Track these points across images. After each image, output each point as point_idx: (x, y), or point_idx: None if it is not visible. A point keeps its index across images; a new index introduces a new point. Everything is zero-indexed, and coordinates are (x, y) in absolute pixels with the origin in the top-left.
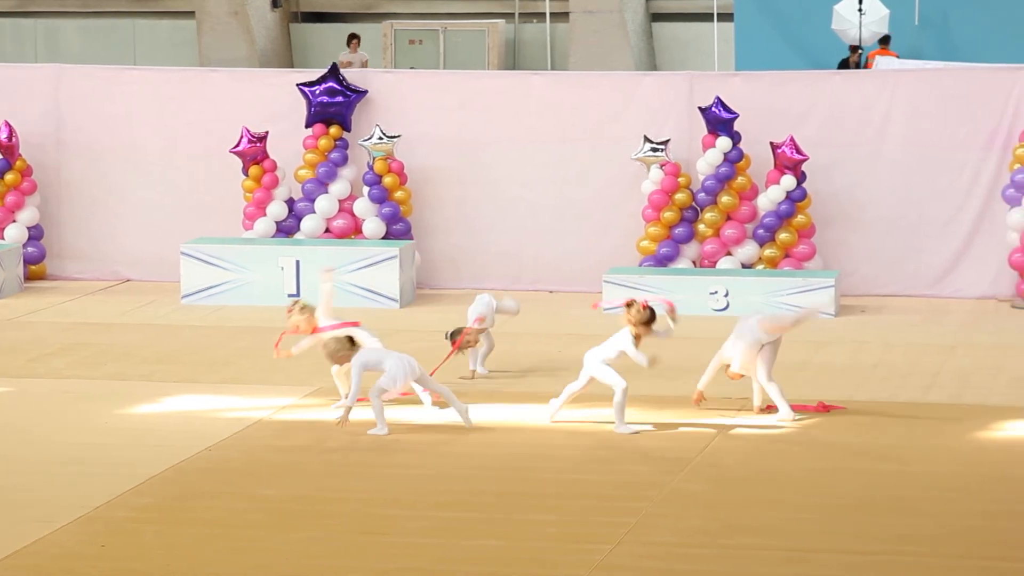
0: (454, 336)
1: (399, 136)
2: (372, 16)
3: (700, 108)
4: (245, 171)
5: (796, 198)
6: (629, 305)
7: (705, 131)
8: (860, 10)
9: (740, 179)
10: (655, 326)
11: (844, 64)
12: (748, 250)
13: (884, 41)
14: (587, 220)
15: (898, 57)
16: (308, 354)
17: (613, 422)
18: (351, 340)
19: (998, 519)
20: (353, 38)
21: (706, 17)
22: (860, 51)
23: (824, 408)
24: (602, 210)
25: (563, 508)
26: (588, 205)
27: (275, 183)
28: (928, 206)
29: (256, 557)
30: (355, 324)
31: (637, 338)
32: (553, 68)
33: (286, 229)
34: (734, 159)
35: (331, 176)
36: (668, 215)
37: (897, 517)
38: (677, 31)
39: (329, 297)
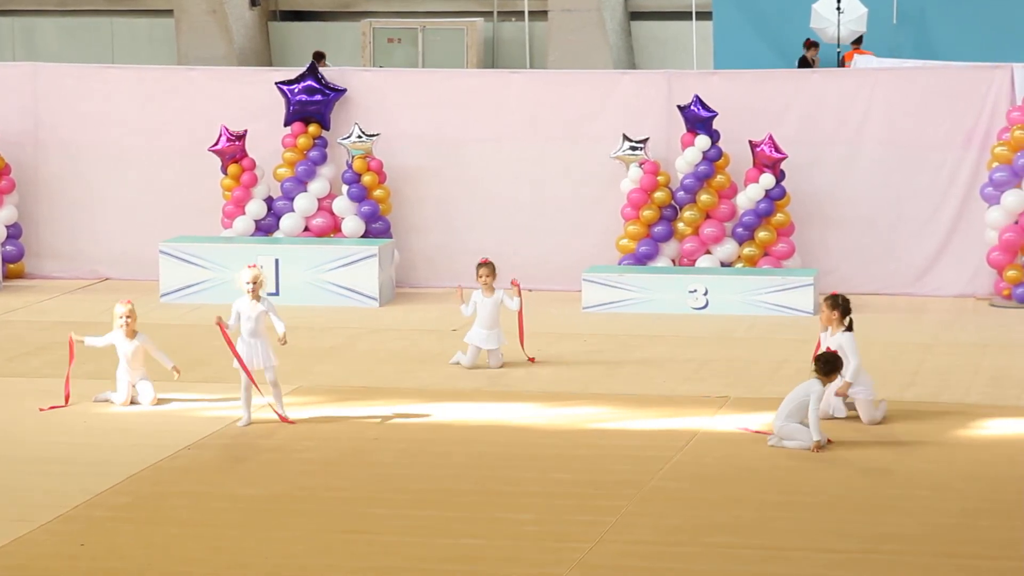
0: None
1: (378, 135)
2: (350, 15)
3: (679, 106)
4: (224, 169)
5: (775, 196)
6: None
7: (684, 129)
8: (838, 8)
9: (719, 177)
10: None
11: (804, 63)
12: (727, 248)
13: (857, 41)
14: (566, 218)
15: (875, 56)
16: (288, 353)
17: (595, 423)
18: None
19: (977, 517)
20: (320, 57)
21: (685, 16)
22: (818, 47)
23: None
24: (581, 208)
25: (543, 506)
26: (567, 203)
27: (254, 182)
28: (907, 204)
29: (235, 556)
30: None
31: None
32: (532, 67)
33: (265, 228)
34: (713, 157)
35: (310, 175)
36: (647, 213)
37: (876, 515)
38: (655, 29)
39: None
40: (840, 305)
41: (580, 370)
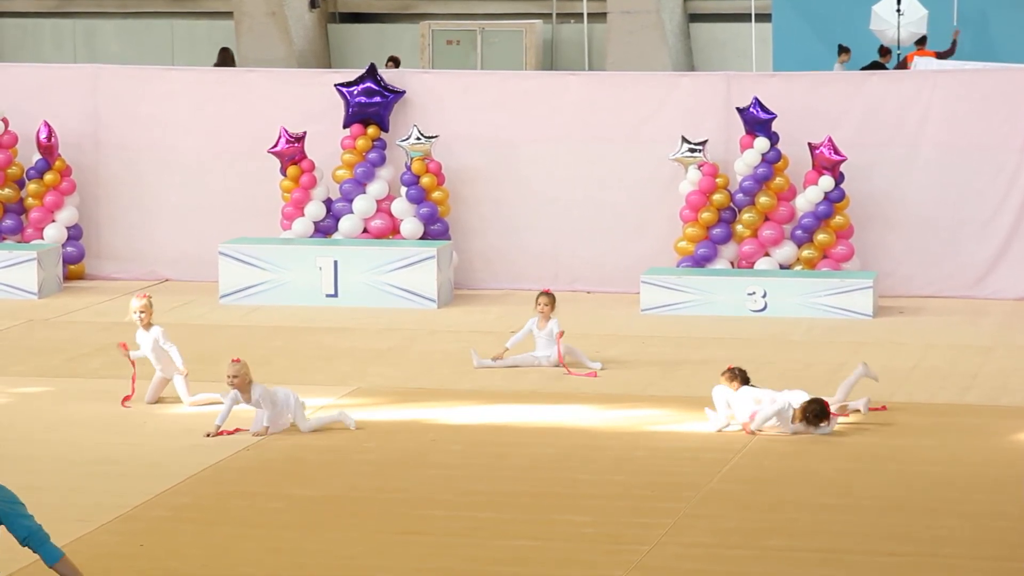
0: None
1: (437, 136)
2: (409, 17)
3: (738, 109)
4: (283, 171)
5: (834, 199)
6: None
7: (743, 132)
8: (899, 10)
9: (778, 180)
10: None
11: (876, 68)
12: (786, 251)
13: (921, 42)
14: (624, 220)
15: (937, 57)
16: (346, 355)
17: (653, 425)
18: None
19: None
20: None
21: (744, 18)
22: (891, 54)
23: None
24: (639, 210)
25: (600, 508)
26: (625, 205)
27: (313, 183)
28: (966, 207)
29: (292, 557)
30: None
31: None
32: (590, 68)
33: (324, 229)
34: (772, 160)
35: (369, 176)
36: (706, 216)
37: (934, 519)
38: (715, 32)
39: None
40: (738, 376)
41: (638, 372)
